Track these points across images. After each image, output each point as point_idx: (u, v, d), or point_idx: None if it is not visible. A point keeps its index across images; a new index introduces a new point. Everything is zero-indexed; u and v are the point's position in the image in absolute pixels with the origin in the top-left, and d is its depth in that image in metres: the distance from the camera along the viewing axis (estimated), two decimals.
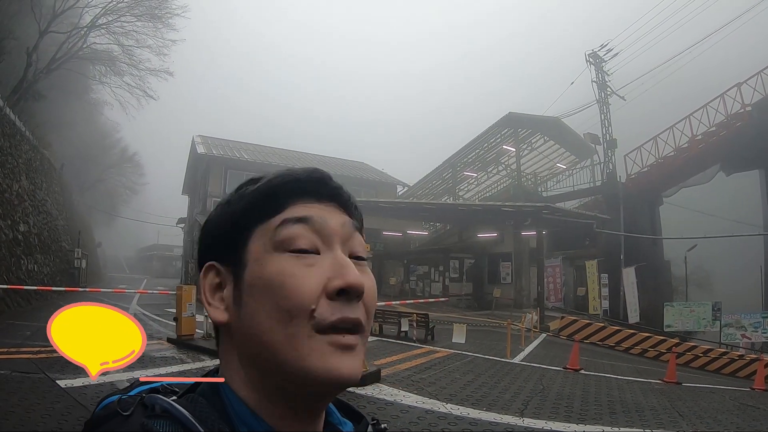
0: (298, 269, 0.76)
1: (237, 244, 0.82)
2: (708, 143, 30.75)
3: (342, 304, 0.76)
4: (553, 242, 33.02)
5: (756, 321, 22.67)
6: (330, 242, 0.80)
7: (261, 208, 0.82)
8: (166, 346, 13.14)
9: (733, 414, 10.30)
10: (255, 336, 0.76)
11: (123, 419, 0.72)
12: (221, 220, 0.86)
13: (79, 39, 30.81)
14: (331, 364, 0.73)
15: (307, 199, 0.83)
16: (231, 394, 0.78)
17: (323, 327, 0.74)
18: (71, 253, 29.55)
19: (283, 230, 0.79)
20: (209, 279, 0.85)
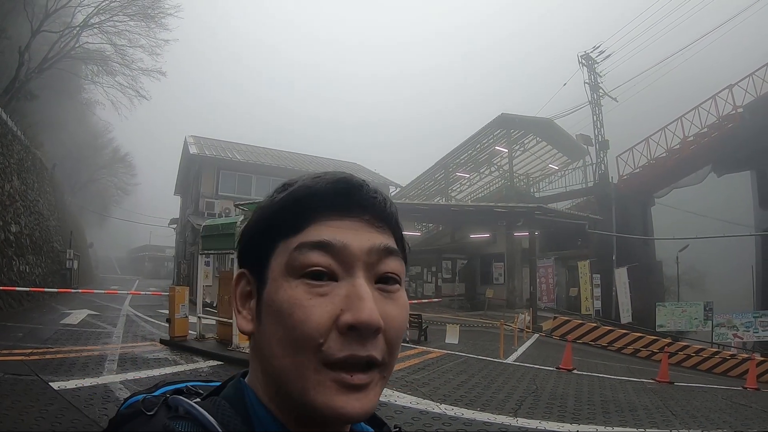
0: (308, 299, 0.73)
1: (262, 257, 0.81)
2: (699, 144, 30.87)
3: (353, 339, 0.72)
4: (545, 243, 33.08)
5: (748, 321, 22.75)
6: (350, 268, 0.76)
7: (282, 224, 0.80)
8: (159, 348, 13.07)
9: (725, 413, 10.35)
10: (268, 357, 0.76)
11: (147, 419, 0.73)
12: (250, 228, 0.85)
13: (71, 38, 30.70)
14: (336, 402, 0.70)
15: (332, 214, 0.79)
16: (254, 400, 0.78)
17: (331, 362, 0.71)
18: (63, 254, 29.45)
19: (299, 255, 0.75)
20: (241, 287, 0.84)
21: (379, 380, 0.75)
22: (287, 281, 0.75)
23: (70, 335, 13.96)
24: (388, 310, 0.76)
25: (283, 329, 0.73)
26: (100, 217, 61.69)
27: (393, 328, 0.76)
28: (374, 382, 0.74)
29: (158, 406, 0.74)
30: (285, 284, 0.75)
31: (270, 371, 0.76)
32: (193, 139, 36.79)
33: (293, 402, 0.73)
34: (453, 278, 35.32)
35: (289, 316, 0.73)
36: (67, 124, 40.63)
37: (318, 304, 0.73)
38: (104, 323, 17.17)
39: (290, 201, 0.81)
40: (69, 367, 9.67)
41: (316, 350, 0.71)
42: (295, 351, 0.72)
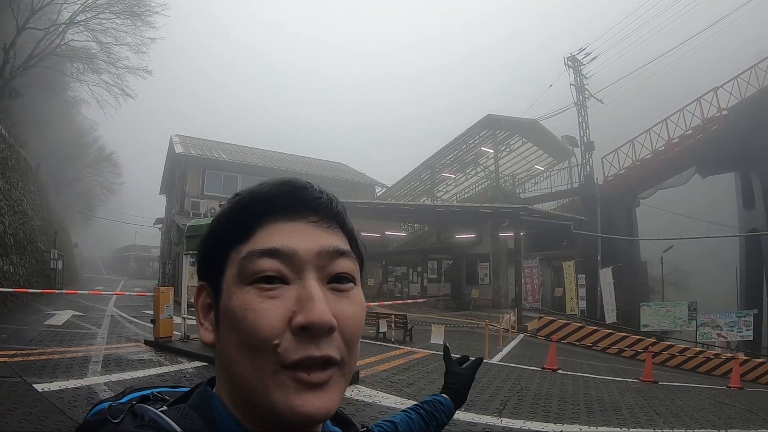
0: (260, 302, 0.73)
1: (216, 268, 0.81)
2: (684, 146, 31.09)
3: (307, 340, 0.72)
4: (530, 243, 33.20)
5: (731, 320, 22.91)
6: (300, 271, 0.76)
7: (231, 233, 0.80)
8: (144, 349, 13.00)
9: (709, 412, 10.41)
10: (228, 364, 0.76)
11: (112, 427, 0.72)
12: (205, 240, 0.85)
13: (57, 36, 30.59)
14: (295, 402, 0.71)
15: (280, 217, 0.79)
16: (221, 408, 0.78)
17: (287, 364, 0.71)
18: (47, 254, 29.19)
19: (248, 263, 0.76)
20: (202, 299, 0.85)
21: (340, 377, 0.76)
22: (239, 288, 0.76)
23: (54, 336, 13.87)
24: (343, 308, 0.77)
25: (238, 334, 0.74)
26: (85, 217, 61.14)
27: (348, 326, 0.77)
28: (334, 380, 0.74)
29: (124, 413, 0.73)
30: (237, 291, 0.76)
31: (232, 378, 0.76)
32: (179, 138, 36.66)
33: (257, 407, 0.73)
34: (438, 278, 35.32)
35: (242, 320, 0.73)
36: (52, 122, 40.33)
37: (270, 306, 0.73)
38: (89, 324, 17.06)
39: (237, 209, 0.82)
40: (53, 368, 9.60)
41: (272, 352, 0.71)
42: (252, 355, 0.72)
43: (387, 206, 34.30)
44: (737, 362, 15.70)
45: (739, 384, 14.76)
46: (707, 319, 23.38)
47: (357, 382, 10.13)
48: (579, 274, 28.71)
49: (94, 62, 33.46)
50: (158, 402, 0.81)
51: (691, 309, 23.73)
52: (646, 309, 24.99)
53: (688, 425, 8.97)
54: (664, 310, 24.63)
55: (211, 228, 0.85)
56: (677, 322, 23.96)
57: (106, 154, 59.58)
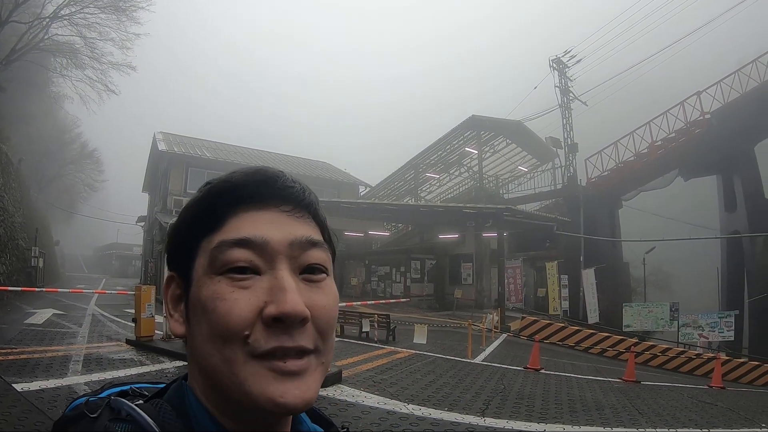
0: (231, 292, 0.72)
1: (186, 258, 0.79)
2: (667, 149, 31.39)
3: (280, 331, 0.70)
4: (514, 244, 33.35)
5: (713, 321, 23.14)
6: (272, 261, 0.75)
7: (202, 222, 0.78)
8: (125, 348, 12.89)
9: (691, 411, 10.47)
10: (200, 356, 0.74)
11: (90, 421, 0.70)
12: (174, 229, 0.83)
13: (40, 30, 30.42)
14: (272, 391, 0.69)
15: (251, 207, 0.77)
16: (194, 401, 0.76)
17: (258, 354, 0.69)
18: (28, 252, 28.84)
19: (219, 253, 0.74)
20: (171, 290, 0.82)
21: (318, 366, 0.74)
22: (210, 278, 0.74)
23: (34, 335, 13.72)
24: (316, 299, 0.75)
25: (208, 325, 0.72)
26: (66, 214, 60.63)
27: (322, 316, 0.75)
28: (312, 368, 0.73)
29: (102, 408, 0.72)
30: (208, 281, 0.74)
31: (204, 371, 0.74)
32: (162, 135, 36.43)
33: (230, 399, 0.72)
34: (422, 278, 35.34)
35: (212, 310, 0.71)
36: (34, 117, 40.07)
37: (241, 296, 0.71)
38: (69, 323, 16.91)
39: (208, 197, 0.79)
40: (33, 368, 9.49)
41: (243, 343, 0.70)
42: (223, 345, 0.70)
43: (370, 206, 34.31)
44: (719, 362, 15.81)
45: (720, 384, 14.88)
46: (689, 319, 23.61)
47: (340, 382, 10.11)
48: (562, 275, 28.85)
49: (77, 57, 33.16)
50: (137, 397, 0.80)
51: (673, 310, 23.96)
52: (629, 309, 25.19)
53: (671, 424, 9.01)
54: (647, 310, 24.85)
55: (180, 217, 0.83)
56: (659, 322, 24.19)
57: (89, 150, 58.87)
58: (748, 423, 9.81)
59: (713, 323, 23.10)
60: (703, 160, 30.45)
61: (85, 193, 62.83)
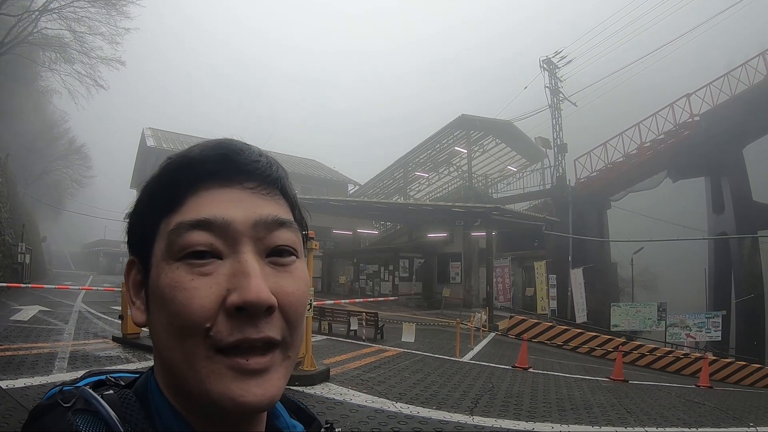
0: (190, 280, 0.66)
1: (144, 241, 0.74)
2: (656, 150, 31.60)
3: (244, 321, 0.65)
4: (502, 243, 33.43)
5: (700, 321, 23.32)
6: (235, 244, 0.69)
7: (160, 200, 0.72)
8: (112, 345, 12.79)
9: (679, 410, 10.51)
10: (159, 348, 0.70)
11: (62, 411, 0.67)
12: (133, 210, 0.78)
13: (30, 23, 30.24)
14: (233, 391, 0.64)
15: (212, 183, 0.71)
16: (157, 393, 0.72)
17: (222, 348, 0.65)
18: (15, 248, 28.63)
19: (176, 236, 0.68)
20: (132, 276, 0.77)
21: (283, 361, 0.69)
22: (168, 264, 0.68)
23: (19, 332, 13.60)
24: (283, 284, 0.70)
25: (167, 316, 0.67)
26: (54, 211, 60.24)
27: (290, 303, 0.70)
28: (276, 365, 0.68)
29: (76, 398, 0.69)
30: (166, 268, 0.68)
31: (164, 363, 0.70)
32: (151, 131, 36.33)
33: (191, 395, 0.67)
34: (410, 277, 35.40)
35: (171, 300, 0.66)
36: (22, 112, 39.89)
37: (201, 285, 0.66)
38: (56, 320, 16.80)
39: (166, 173, 0.74)
40: (18, 365, 9.40)
41: (204, 336, 0.65)
42: (183, 338, 0.65)
43: (359, 204, 34.33)
44: (706, 362, 15.91)
45: (708, 383, 14.97)
46: (676, 319, 23.78)
47: (327, 380, 10.08)
48: (550, 275, 29.01)
49: (66, 51, 33.05)
50: (111, 386, 0.75)
51: (661, 310, 24.12)
52: (617, 309, 25.30)
53: (659, 423, 9.03)
54: (634, 310, 24.99)
55: (139, 197, 0.77)
56: (647, 322, 24.33)
57: (77, 146, 58.29)
58: (736, 422, 9.86)
59: (700, 323, 23.28)
60: (692, 161, 30.63)
61: (72, 189, 62.39)
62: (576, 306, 28.60)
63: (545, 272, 28.90)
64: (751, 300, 27.47)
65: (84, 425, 0.65)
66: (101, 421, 0.65)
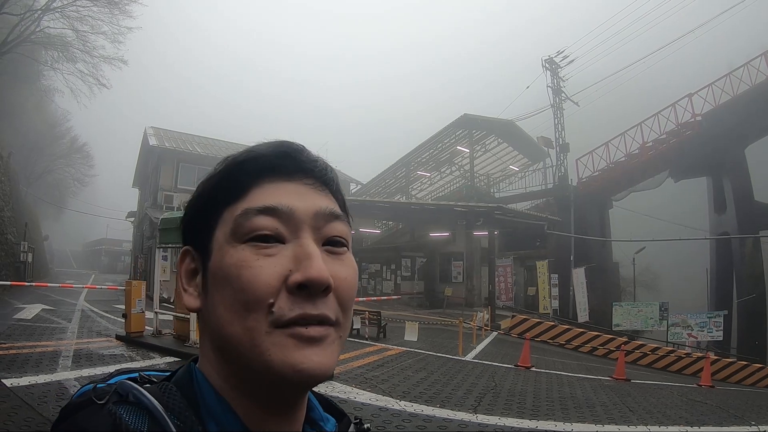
0: (256, 260, 0.71)
1: (205, 229, 0.78)
2: (658, 150, 31.52)
3: (304, 299, 0.70)
4: (504, 242, 33.36)
5: (702, 321, 23.32)
6: (297, 230, 0.74)
7: (225, 191, 0.77)
8: (115, 344, 12.82)
9: (681, 409, 10.54)
10: (218, 327, 0.73)
11: (97, 408, 0.69)
12: (194, 201, 0.82)
13: (32, 22, 30.22)
14: (294, 358, 0.68)
15: (275, 178, 0.77)
16: (204, 383, 0.75)
17: (282, 323, 0.69)
18: (17, 246, 28.66)
19: (244, 220, 0.73)
20: (186, 264, 0.81)
21: (336, 339, 0.73)
22: (233, 246, 0.73)
23: (23, 330, 13.66)
24: (337, 270, 0.75)
25: (231, 293, 0.71)
26: (56, 209, 60.27)
27: (343, 287, 0.75)
28: (331, 338, 0.72)
29: (109, 394, 0.71)
30: (231, 249, 0.73)
31: (220, 343, 0.73)
32: (153, 130, 36.10)
33: (248, 371, 0.71)
34: (412, 276, 35.42)
35: (237, 278, 0.70)
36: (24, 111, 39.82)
37: (266, 264, 0.71)
38: (59, 318, 16.85)
39: (232, 166, 0.79)
40: (22, 363, 9.43)
41: (267, 311, 0.69)
42: (245, 314, 0.69)
43: (361, 203, 34.24)
44: (708, 361, 15.92)
45: (710, 383, 14.98)
46: (678, 319, 23.78)
47: (331, 378, 10.02)
48: (552, 274, 28.99)
49: (69, 50, 32.98)
50: (145, 383, 0.78)
51: (663, 309, 24.12)
52: (618, 309, 25.32)
53: (661, 422, 9.05)
54: (636, 310, 24.99)
55: (200, 189, 0.82)
56: (648, 322, 24.33)
57: (79, 145, 58.18)
58: (738, 421, 9.88)
59: (702, 323, 23.27)
60: (694, 161, 30.58)
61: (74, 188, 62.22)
62: (578, 305, 28.61)
63: (547, 272, 28.89)
64: (753, 300, 27.44)
65: (127, 415, 0.68)
66: (144, 411, 0.68)
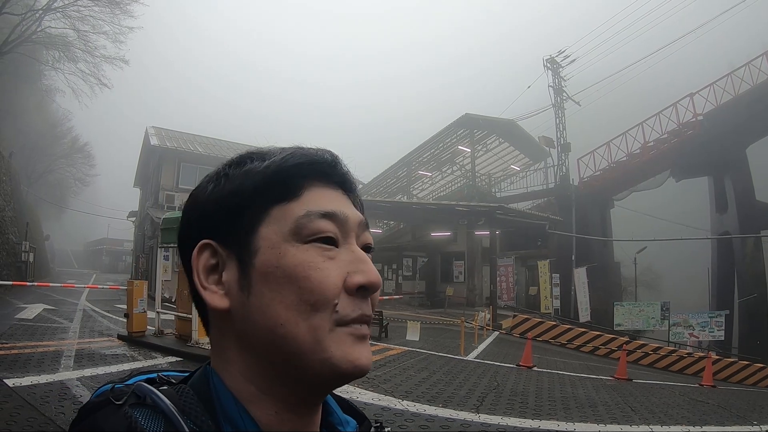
0: (323, 261, 0.73)
1: (243, 225, 0.76)
2: (659, 150, 31.52)
3: (360, 299, 0.75)
4: (505, 242, 33.37)
5: (703, 320, 23.33)
6: (348, 237, 0.78)
7: (275, 190, 0.77)
8: (117, 344, 12.80)
9: (683, 409, 10.54)
10: (268, 326, 0.72)
11: (114, 408, 0.69)
12: (219, 196, 0.78)
13: (33, 22, 30.24)
14: (353, 354, 0.72)
15: (324, 184, 0.79)
16: (220, 386, 0.75)
17: (345, 322, 0.72)
18: (18, 246, 28.66)
19: (308, 222, 0.74)
20: (203, 259, 0.78)
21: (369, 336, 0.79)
22: (294, 246, 0.74)
23: (25, 330, 13.65)
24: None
25: (296, 293, 0.72)
26: (57, 209, 60.22)
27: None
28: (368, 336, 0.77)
29: (127, 395, 0.71)
30: (292, 249, 0.73)
31: (267, 341, 0.72)
32: (154, 130, 36.07)
33: (297, 371, 0.72)
34: (413, 276, 35.46)
35: (305, 278, 0.72)
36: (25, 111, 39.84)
37: (331, 266, 0.73)
38: (60, 318, 16.85)
39: (283, 168, 0.77)
40: (24, 363, 9.42)
41: (332, 311, 0.72)
42: (312, 313, 0.71)
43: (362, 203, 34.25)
44: (709, 361, 15.90)
45: (711, 382, 14.98)
46: (679, 319, 23.79)
47: None
48: (553, 274, 29.00)
49: (70, 50, 32.98)
50: (163, 384, 0.77)
51: (664, 309, 24.13)
52: (620, 308, 25.34)
53: (663, 421, 9.05)
54: (638, 309, 25.01)
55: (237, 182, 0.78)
56: (650, 321, 24.34)
57: (80, 144, 58.15)
58: (740, 420, 9.89)
59: (704, 323, 23.28)
60: (695, 161, 30.58)
61: (75, 187, 62.24)
62: (579, 305, 28.61)
63: (548, 271, 28.90)
64: (754, 300, 27.43)
65: (143, 418, 0.67)
66: (159, 414, 0.68)
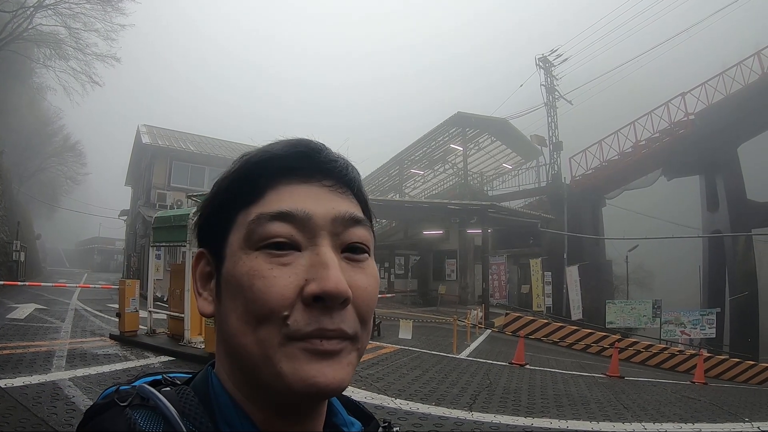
0: (269, 269, 0.67)
1: (220, 233, 0.75)
2: (651, 149, 31.64)
3: (321, 311, 0.67)
4: (498, 240, 33.39)
5: (695, 318, 23.43)
6: (314, 237, 0.70)
7: (238, 194, 0.74)
8: (109, 343, 12.75)
9: (675, 406, 10.56)
10: (229, 336, 0.71)
11: (119, 410, 0.69)
12: (208, 202, 0.79)
13: (24, 19, 30.10)
14: (306, 372, 0.65)
15: (292, 180, 0.73)
16: (219, 388, 0.74)
17: (298, 336, 0.66)
18: (9, 246, 28.54)
19: (257, 227, 0.70)
20: (200, 267, 0.79)
21: (352, 351, 0.70)
22: (246, 253, 0.70)
23: (16, 330, 13.58)
24: (357, 279, 0.71)
25: (243, 303, 0.68)
26: (48, 208, 59.88)
27: (363, 298, 0.71)
28: (347, 351, 0.69)
29: (132, 396, 0.71)
30: (243, 256, 0.70)
31: (232, 351, 0.71)
32: (146, 128, 35.92)
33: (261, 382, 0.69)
34: (406, 274, 35.45)
35: (249, 288, 0.68)
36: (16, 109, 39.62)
37: (280, 274, 0.68)
38: (52, 318, 16.77)
39: (247, 166, 0.76)
40: (16, 363, 9.37)
41: (281, 324, 0.66)
42: (258, 325, 0.67)
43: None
44: (701, 359, 15.99)
45: (703, 380, 15.03)
46: (671, 317, 23.90)
47: None
48: (545, 272, 29.03)
49: (61, 48, 32.94)
50: (168, 385, 0.77)
51: (656, 307, 24.22)
52: (612, 306, 25.41)
53: (656, 419, 9.08)
54: (629, 307, 25.10)
55: (215, 189, 0.79)
56: (642, 319, 24.43)
57: (72, 143, 57.63)
58: (732, 417, 9.91)
59: (695, 321, 23.39)
60: (687, 160, 30.70)
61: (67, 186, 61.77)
62: (571, 303, 28.69)
63: (541, 269, 28.94)
64: (745, 298, 27.59)
65: (143, 420, 0.67)
66: (160, 417, 0.68)
